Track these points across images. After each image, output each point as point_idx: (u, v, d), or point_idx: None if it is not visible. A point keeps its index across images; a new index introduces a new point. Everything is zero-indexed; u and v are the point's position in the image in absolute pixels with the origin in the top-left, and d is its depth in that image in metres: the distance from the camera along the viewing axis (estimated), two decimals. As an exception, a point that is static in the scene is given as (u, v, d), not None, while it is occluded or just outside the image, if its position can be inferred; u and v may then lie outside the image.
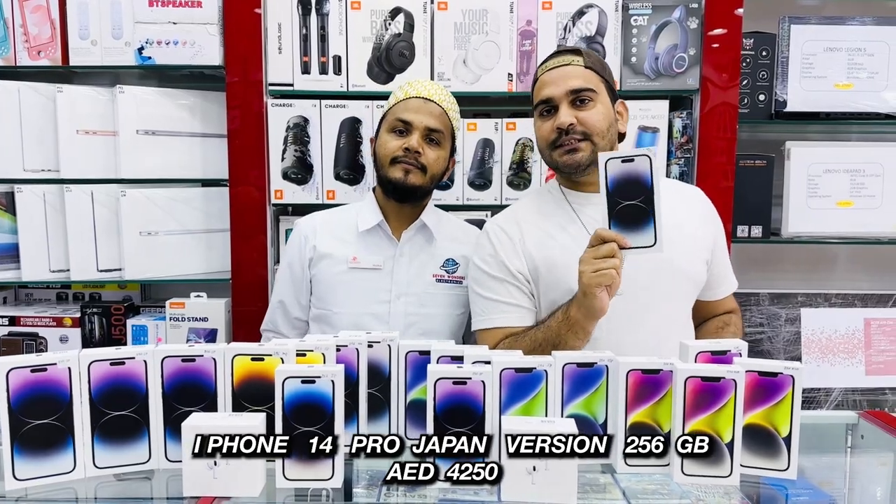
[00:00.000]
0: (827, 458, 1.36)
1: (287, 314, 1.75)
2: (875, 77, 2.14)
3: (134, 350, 1.11)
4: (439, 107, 1.64)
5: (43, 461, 1.06)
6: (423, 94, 1.64)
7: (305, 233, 1.73)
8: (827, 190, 2.17)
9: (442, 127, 1.64)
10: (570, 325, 1.35)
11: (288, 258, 1.75)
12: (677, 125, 2.07)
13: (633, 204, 1.24)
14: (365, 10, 2.04)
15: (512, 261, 1.52)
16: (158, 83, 2.20)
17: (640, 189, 1.23)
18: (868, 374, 2.25)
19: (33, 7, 2.03)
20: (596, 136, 1.46)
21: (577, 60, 1.49)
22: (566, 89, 1.46)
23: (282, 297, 1.75)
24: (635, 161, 1.23)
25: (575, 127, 1.45)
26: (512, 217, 1.60)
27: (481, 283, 1.55)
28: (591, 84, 1.47)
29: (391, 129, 1.64)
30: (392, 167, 1.62)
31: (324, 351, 1.14)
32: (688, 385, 1.07)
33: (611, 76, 1.55)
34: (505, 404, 1.10)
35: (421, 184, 1.63)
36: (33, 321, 2.16)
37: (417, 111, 1.62)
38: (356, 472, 1.13)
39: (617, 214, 1.25)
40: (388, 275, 1.67)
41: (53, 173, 2.08)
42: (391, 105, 1.67)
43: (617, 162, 1.24)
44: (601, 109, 1.47)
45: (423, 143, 1.61)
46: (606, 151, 1.33)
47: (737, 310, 1.68)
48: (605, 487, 1.10)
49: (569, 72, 1.48)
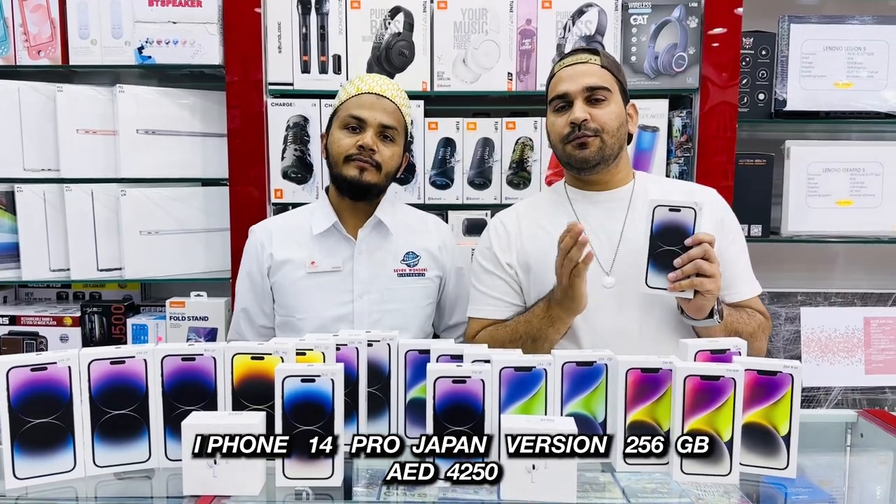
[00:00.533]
0: (826, 456, 1.36)
1: (252, 322, 1.72)
2: (875, 76, 2.14)
3: (134, 349, 1.12)
4: (392, 103, 1.62)
5: (43, 460, 1.06)
6: (376, 89, 1.62)
7: (261, 240, 1.69)
8: (826, 189, 2.17)
9: (395, 123, 1.62)
10: (552, 321, 1.43)
11: (246, 267, 1.72)
12: (677, 124, 2.07)
13: (672, 250, 1.33)
14: (365, 10, 2.04)
15: (503, 255, 1.59)
16: (158, 82, 2.21)
17: (681, 237, 1.33)
18: (868, 373, 2.25)
19: (33, 6, 2.03)
20: (606, 134, 1.49)
21: (595, 59, 1.52)
22: (582, 86, 1.49)
23: (245, 304, 1.72)
24: (682, 211, 1.32)
25: (588, 123, 1.48)
26: (514, 212, 1.66)
27: (476, 275, 1.63)
28: (606, 83, 1.50)
29: (344, 125, 1.62)
30: (346, 165, 1.60)
31: (323, 350, 1.14)
32: (687, 383, 1.07)
33: (625, 78, 1.57)
34: (504, 403, 1.11)
35: (376, 182, 1.61)
36: (34, 320, 2.16)
37: (371, 107, 1.60)
38: (356, 470, 1.14)
39: (656, 256, 1.34)
40: (349, 275, 1.65)
41: (53, 173, 2.08)
42: (342, 101, 1.64)
43: (665, 209, 1.32)
44: (614, 108, 1.50)
45: (377, 141, 1.60)
46: (655, 199, 1.36)
47: (765, 313, 1.60)
48: (604, 486, 1.10)
49: (586, 69, 1.51)
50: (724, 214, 1.57)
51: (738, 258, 1.56)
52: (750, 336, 1.46)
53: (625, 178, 1.59)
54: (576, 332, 1.50)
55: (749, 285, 1.58)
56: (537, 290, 1.53)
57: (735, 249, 1.56)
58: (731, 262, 1.54)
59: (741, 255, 1.58)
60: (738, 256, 1.56)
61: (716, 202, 1.58)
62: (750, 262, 1.60)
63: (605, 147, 1.49)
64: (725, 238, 1.53)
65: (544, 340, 1.45)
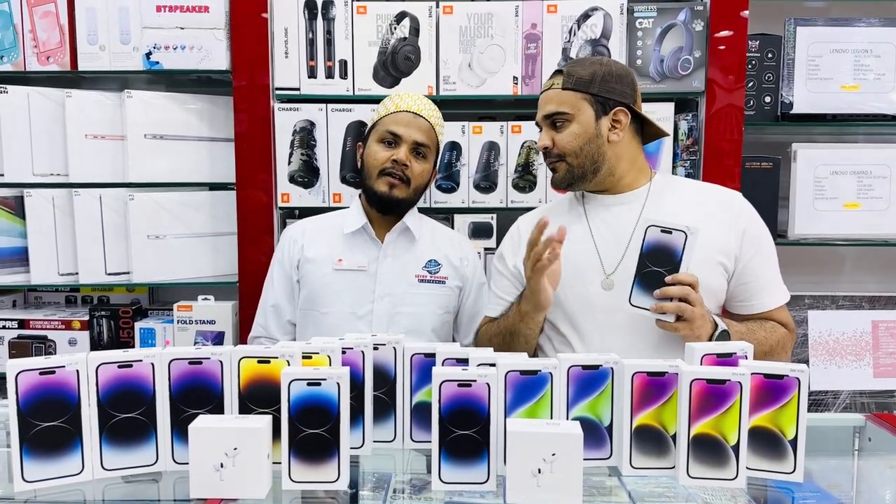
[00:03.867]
0: (834, 460, 1.35)
1: (281, 318, 1.78)
2: (882, 78, 2.14)
3: (141, 353, 1.12)
4: (427, 122, 1.72)
5: (51, 463, 1.07)
6: (413, 108, 1.71)
7: (294, 236, 1.79)
8: (834, 192, 2.16)
9: (429, 142, 1.72)
10: (522, 316, 1.49)
11: (278, 257, 1.80)
12: (683, 127, 2.06)
13: (658, 271, 1.34)
14: (371, 15, 2.05)
15: (511, 257, 1.64)
16: (166, 88, 2.22)
17: (669, 260, 1.33)
18: (876, 377, 2.24)
19: (42, 13, 2.05)
20: (569, 157, 1.52)
21: (557, 83, 1.54)
22: (542, 114, 1.56)
23: (276, 300, 1.78)
24: (673, 234, 1.33)
25: (551, 150, 1.55)
26: (532, 216, 1.72)
27: (491, 276, 1.73)
28: (563, 107, 1.51)
29: (380, 139, 1.71)
30: (378, 179, 1.69)
31: (329, 353, 1.15)
32: (693, 387, 1.07)
33: (606, 87, 1.50)
34: (510, 407, 1.11)
35: (404, 197, 1.70)
36: (42, 324, 2.18)
37: (407, 125, 1.69)
38: (362, 474, 1.14)
39: (642, 275, 1.35)
40: (373, 276, 1.72)
41: (62, 177, 2.10)
42: (381, 116, 1.74)
43: (657, 230, 1.34)
44: (574, 130, 1.51)
45: (410, 157, 1.69)
46: (650, 217, 1.38)
47: (789, 324, 1.56)
48: (611, 490, 1.09)
49: (548, 96, 1.55)
50: (747, 225, 1.52)
51: (763, 270, 1.52)
52: (765, 355, 1.45)
53: (635, 181, 1.57)
54: (578, 329, 1.51)
55: (773, 295, 1.54)
56: None
57: (759, 260, 1.52)
58: (755, 274, 1.51)
59: (767, 266, 1.54)
60: (763, 268, 1.52)
61: (738, 209, 1.54)
62: (778, 269, 1.56)
63: (573, 168, 1.53)
64: (748, 249, 1.50)
65: (518, 335, 1.52)
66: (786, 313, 1.56)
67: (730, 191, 1.61)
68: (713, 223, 1.49)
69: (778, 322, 1.54)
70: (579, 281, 1.51)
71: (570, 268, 1.50)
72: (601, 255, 1.52)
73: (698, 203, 1.54)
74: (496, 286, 1.67)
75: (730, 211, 1.53)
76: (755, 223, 1.54)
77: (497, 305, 1.65)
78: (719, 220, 1.51)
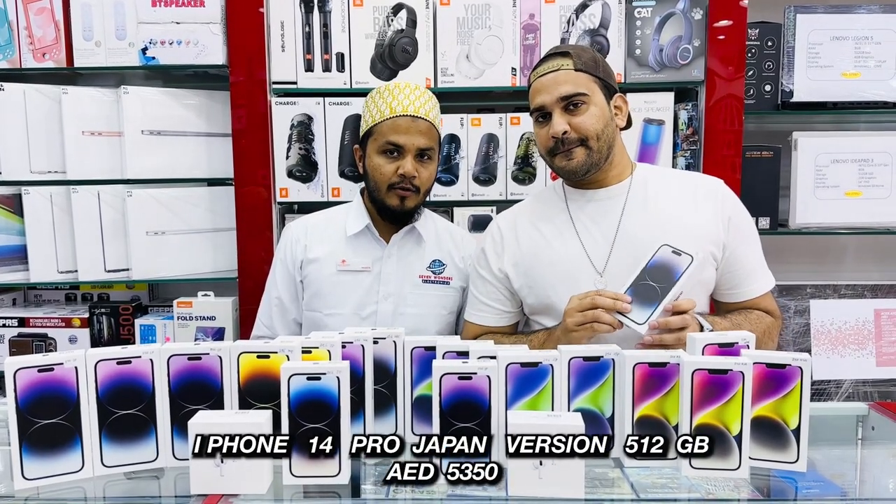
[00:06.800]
0: (837, 450, 1.35)
1: (285, 314, 1.74)
2: (883, 66, 2.12)
3: (140, 349, 1.12)
4: (426, 121, 1.62)
5: (51, 460, 1.07)
6: (410, 110, 1.60)
7: (297, 235, 1.74)
8: (835, 180, 2.15)
9: (432, 142, 1.64)
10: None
11: (280, 260, 1.75)
12: (683, 117, 2.05)
13: (653, 286, 1.33)
14: (367, 7, 2.03)
15: (495, 261, 1.58)
16: (163, 83, 2.21)
17: (667, 277, 1.33)
18: (879, 366, 2.23)
19: (37, 9, 2.04)
20: (591, 140, 1.45)
21: (567, 64, 1.46)
22: (557, 96, 1.45)
23: (279, 295, 1.74)
24: (681, 256, 1.34)
25: (569, 134, 1.45)
26: (512, 213, 1.65)
27: (472, 278, 1.66)
28: (581, 88, 1.45)
29: (382, 150, 1.62)
30: (388, 193, 1.62)
31: (329, 347, 1.14)
32: (695, 378, 1.07)
33: (606, 72, 1.50)
34: (511, 399, 1.10)
35: (415, 205, 1.66)
36: (42, 322, 2.17)
37: (407, 131, 1.60)
38: (364, 468, 1.13)
39: (637, 286, 1.34)
40: (377, 276, 1.69)
41: (60, 175, 2.09)
42: (377, 121, 1.62)
43: (668, 250, 1.35)
44: (594, 112, 1.46)
45: (416, 166, 1.61)
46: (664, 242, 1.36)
47: (774, 311, 1.54)
48: (614, 481, 1.09)
49: (559, 77, 1.46)
50: (732, 212, 1.50)
51: (747, 257, 1.51)
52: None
53: (621, 174, 1.54)
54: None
55: (759, 282, 1.53)
56: (532, 290, 1.53)
57: (745, 247, 1.51)
58: (740, 262, 1.50)
59: (751, 253, 1.53)
60: (747, 255, 1.51)
61: (722, 196, 1.52)
62: (763, 255, 1.55)
63: (593, 153, 1.46)
64: (735, 237, 1.49)
65: None
66: (771, 300, 1.55)
67: (712, 178, 1.58)
68: (700, 212, 1.48)
69: (763, 310, 1.52)
70: (571, 282, 1.47)
71: (560, 268, 1.49)
72: (589, 253, 1.49)
73: (683, 193, 1.51)
74: (479, 291, 1.60)
75: (714, 199, 1.51)
76: (738, 210, 1.53)
77: (483, 312, 1.60)
78: (705, 208, 1.49)
